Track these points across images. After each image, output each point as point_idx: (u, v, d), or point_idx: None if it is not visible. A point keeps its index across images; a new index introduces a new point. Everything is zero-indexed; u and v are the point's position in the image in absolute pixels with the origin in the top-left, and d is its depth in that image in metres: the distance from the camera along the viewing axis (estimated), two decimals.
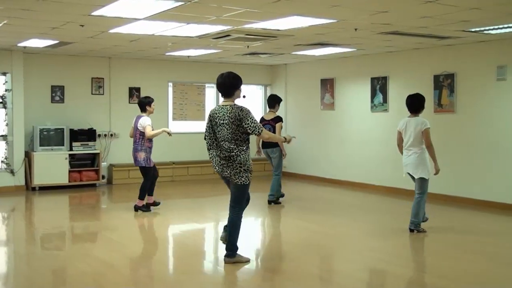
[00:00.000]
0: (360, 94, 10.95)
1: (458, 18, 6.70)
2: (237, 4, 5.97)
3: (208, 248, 6.68)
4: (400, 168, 7.15)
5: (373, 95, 10.64)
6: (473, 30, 7.56)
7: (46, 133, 10.50)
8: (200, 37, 8.24)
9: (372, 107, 10.67)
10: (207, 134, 5.48)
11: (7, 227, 7.86)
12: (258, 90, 13.49)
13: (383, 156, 10.28)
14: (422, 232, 6.84)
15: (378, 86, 10.54)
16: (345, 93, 11.34)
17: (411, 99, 6.88)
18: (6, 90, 10.34)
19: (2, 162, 10.42)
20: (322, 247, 6.39)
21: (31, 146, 10.55)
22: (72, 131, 10.72)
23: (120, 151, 11.34)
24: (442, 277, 5.16)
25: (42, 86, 10.81)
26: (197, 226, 7.74)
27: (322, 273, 5.56)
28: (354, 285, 5.03)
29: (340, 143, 11.44)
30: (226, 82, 5.40)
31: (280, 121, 8.81)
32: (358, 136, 11.00)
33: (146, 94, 8.98)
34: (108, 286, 4.97)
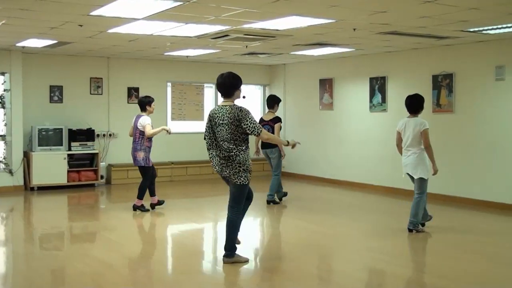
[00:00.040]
0: (358, 94, 10.95)
1: (457, 18, 6.70)
2: (235, 4, 5.97)
3: (207, 248, 6.68)
4: (399, 168, 7.15)
5: (371, 95, 10.65)
6: (471, 30, 7.56)
7: (44, 133, 10.49)
8: (198, 37, 8.24)
9: (370, 107, 10.68)
10: (207, 134, 5.47)
11: (6, 227, 7.85)
12: (257, 90, 13.49)
13: (382, 156, 10.29)
14: (421, 232, 6.85)
15: (376, 86, 10.54)
16: (343, 93, 11.35)
17: (410, 100, 6.88)
18: (4, 90, 10.33)
19: (0, 162, 10.41)
20: (321, 247, 6.40)
21: (30, 146, 10.54)
22: (70, 131, 10.71)
23: (118, 151, 11.33)
24: (442, 277, 5.17)
25: (40, 86, 10.80)
26: (196, 226, 7.74)
27: (321, 273, 5.56)
28: (353, 285, 5.03)
29: (339, 143, 11.44)
30: (226, 82, 5.40)
31: (279, 121, 8.81)
32: (357, 136, 11.00)
33: (145, 94, 8.93)
34: (106, 286, 4.96)
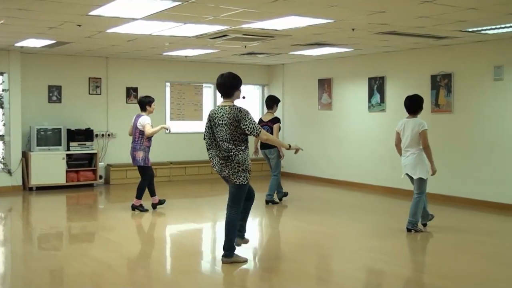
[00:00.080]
0: (357, 94, 10.96)
1: (455, 18, 6.71)
2: (234, 4, 5.97)
3: (205, 248, 6.67)
4: (398, 168, 7.15)
5: (370, 95, 10.65)
6: (470, 30, 7.57)
7: (43, 133, 10.48)
8: (197, 37, 8.24)
9: (369, 107, 10.68)
10: (206, 134, 5.48)
11: (4, 227, 7.84)
12: (256, 90, 13.48)
13: (381, 156, 10.29)
14: (420, 232, 6.86)
15: (375, 86, 10.54)
16: (342, 93, 11.35)
17: (410, 100, 6.89)
18: (3, 90, 10.32)
19: None
20: (320, 247, 6.40)
21: (28, 146, 10.53)
22: (69, 131, 10.70)
23: (117, 151, 11.33)
24: (441, 277, 5.17)
25: (39, 86, 10.79)
26: (194, 226, 7.74)
27: (320, 273, 5.56)
28: (352, 285, 5.03)
29: (337, 143, 11.44)
30: (226, 83, 5.40)
31: (277, 122, 8.81)
32: (355, 136, 11.00)
33: (144, 94, 8.91)
34: (105, 286, 4.96)
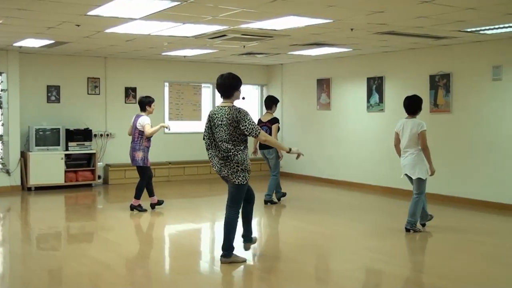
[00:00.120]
0: (356, 94, 10.96)
1: (454, 18, 6.71)
2: (233, 4, 5.97)
3: (204, 248, 6.67)
4: (396, 168, 7.16)
5: (369, 95, 10.66)
6: (468, 30, 7.58)
7: (42, 133, 10.47)
8: (196, 37, 8.23)
9: (368, 107, 10.68)
10: (206, 134, 5.48)
11: (3, 227, 7.83)
12: (254, 90, 13.48)
13: (380, 156, 10.30)
14: (418, 231, 6.86)
15: (374, 86, 10.55)
16: (341, 93, 11.35)
17: (409, 101, 6.89)
18: (1, 90, 10.31)
19: None
20: (319, 247, 6.40)
21: (27, 146, 10.52)
22: (68, 131, 10.69)
23: (116, 151, 11.32)
24: (440, 277, 5.17)
25: (38, 86, 10.78)
26: (193, 226, 7.74)
27: (319, 273, 5.57)
28: (351, 285, 5.04)
29: (336, 143, 11.44)
30: (226, 83, 5.40)
31: (276, 122, 8.81)
32: (354, 136, 11.01)
33: (142, 94, 8.91)
34: (104, 286, 4.96)
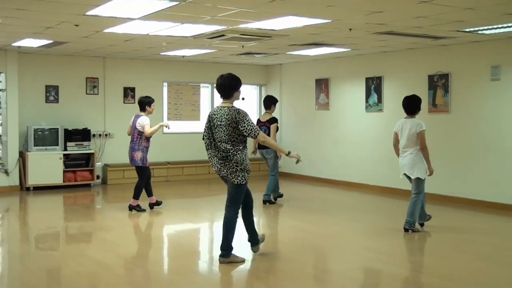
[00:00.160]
0: (354, 94, 10.96)
1: (453, 18, 6.72)
2: (232, 4, 5.97)
3: (203, 248, 6.68)
4: (395, 168, 7.16)
5: (367, 95, 10.66)
6: (467, 30, 7.58)
7: (40, 133, 10.46)
8: (194, 37, 8.23)
9: (366, 107, 10.69)
10: (206, 134, 5.48)
11: (1, 228, 7.82)
12: (253, 90, 13.49)
13: (378, 156, 10.30)
14: (417, 231, 6.86)
15: (372, 86, 10.55)
16: (340, 93, 11.35)
17: (408, 101, 6.90)
18: (0, 90, 10.30)
19: None
20: (318, 247, 6.40)
21: (26, 146, 10.51)
22: (66, 131, 10.68)
23: (114, 151, 11.32)
24: (439, 277, 5.17)
25: (36, 86, 10.77)
26: (192, 226, 7.74)
27: (318, 273, 5.57)
28: (350, 285, 5.04)
29: (335, 143, 11.45)
30: (226, 83, 5.41)
31: (275, 122, 8.82)
32: (353, 136, 11.01)
33: (141, 94, 8.90)
34: (102, 286, 4.96)
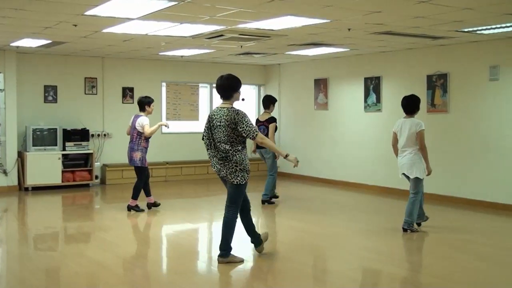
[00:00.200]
0: (353, 94, 10.97)
1: (451, 18, 6.73)
2: (230, 4, 5.97)
3: (201, 248, 6.68)
4: (393, 168, 7.16)
5: (366, 95, 10.66)
6: (466, 30, 7.59)
7: (39, 133, 10.45)
8: (193, 37, 8.23)
9: (365, 107, 10.69)
10: (205, 135, 5.48)
11: (0, 228, 7.81)
12: (252, 90, 13.49)
13: (377, 156, 10.31)
14: (416, 231, 6.87)
15: (371, 86, 10.56)
16: (338, 93, 11.36)
17: (407, 100, 6.91)
18: None
19: None
20: (316, 247, 6.40)
21: (24, 146, 10.51)
22: (65, 131, 10.68)
23: (113, 151, 11.32)
24: (437, 276, 5.18)
25: (35, 86, 10.76)
26: (190, 226, 7.73)
27: (316, 272, 5.57)
28: (348, 285, 5.04)
29: (333, 143, 11.45)
30: (225, 84, 5.41)
31: (273, 121, 8.82)
32: (351, 136, 11.01)
33: (140, 94, 8.92)
34: (101, 286, 4.96)
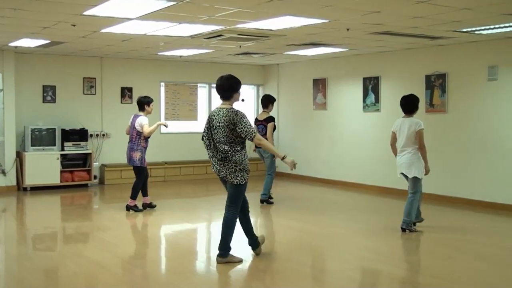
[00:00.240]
0: (352, 94, 10.97)
1: (450, 18, 6.73)
2: (229, 4, 5.97)
3: (200, 248, 6.67)
4: (392, 167, 7.16)
5: (365, 95, 10.67)
6: (464, 30, 7.59)
7: (37, 133, 10.45)
8: (192, 37, 8.23)
9: (364, 107, 10.70)
10: (205, 135, 5.48)
11: None
12: (251, 90, 13.49)
13: (376, 156, 10.31)
14: (414, 231, 6.87)
15: (370, 86, 10.56)
16: (337, 93, 11.36)
17: (405, 100, 6.91)
18: None
19: None
20: (315, 247, 6.41)
21: (23, 146, 10.50)
22: (63, 131, 10.67)
23: (112, 151, 11.31)
24: (436, 276, 5.19)
25: (33, 86, 10.75)
26: (189, 226, 7.73)
27: (315, 273, 5.57)
28: (347, 284, 5.04)
29: (332, 143, 11.45)
30: (225, 85, 5.41)
31: (272, 121, 8.82)
32: (350, 136, 11.02)
33: (138, 94, 8.93)
34: (100, 286, 4.96)
